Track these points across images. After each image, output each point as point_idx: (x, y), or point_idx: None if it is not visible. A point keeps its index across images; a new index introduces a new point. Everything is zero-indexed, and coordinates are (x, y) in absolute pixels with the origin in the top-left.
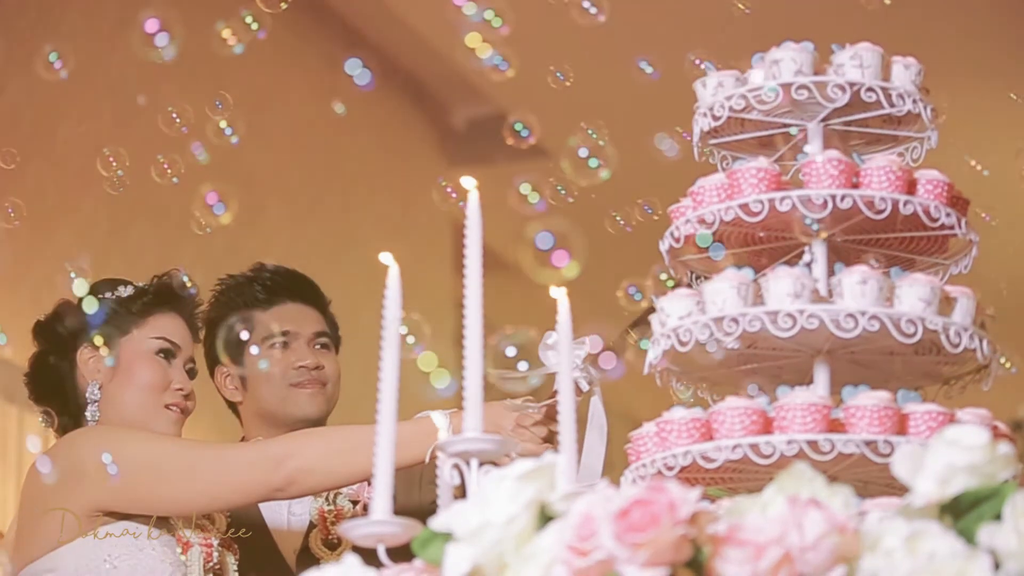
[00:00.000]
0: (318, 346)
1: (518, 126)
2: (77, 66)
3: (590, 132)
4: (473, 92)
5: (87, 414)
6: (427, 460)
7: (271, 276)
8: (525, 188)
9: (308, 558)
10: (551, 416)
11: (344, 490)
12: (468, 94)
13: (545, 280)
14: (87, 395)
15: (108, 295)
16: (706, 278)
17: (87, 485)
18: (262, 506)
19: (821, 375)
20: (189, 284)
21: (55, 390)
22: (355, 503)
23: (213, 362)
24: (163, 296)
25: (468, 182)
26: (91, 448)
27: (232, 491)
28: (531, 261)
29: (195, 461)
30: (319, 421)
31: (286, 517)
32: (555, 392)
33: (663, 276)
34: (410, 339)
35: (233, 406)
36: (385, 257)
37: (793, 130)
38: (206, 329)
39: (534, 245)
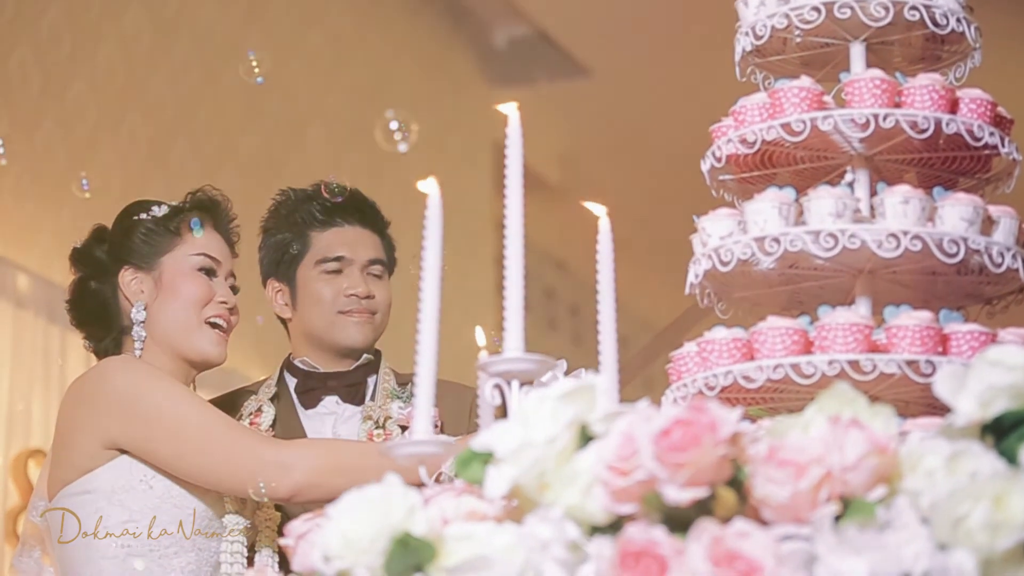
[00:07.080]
0: (372, 274)
1: None
2: None
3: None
4: (514, 11)
5: (133, 335)
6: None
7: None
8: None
9: None
10: None
11: (394, 415)
12: (509, 14)
13: None
14: (132, 316)
15: (143, 216)
16: (746, 199)
17: (106, 418)
18: (307, 425)
19: (863, 295)
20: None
21: (98, 314)
22: (404, 428)
23: (266, 275)
24: (200, 212)
25: (507, 107)
26: (121, 381)
27: (234, 482)
28: None
29: (209, 438)
30: (365, 349)
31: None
32: None
33: None
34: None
35: (283, 321)
36: (426, 184)
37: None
38: (262, 238)
39: None
